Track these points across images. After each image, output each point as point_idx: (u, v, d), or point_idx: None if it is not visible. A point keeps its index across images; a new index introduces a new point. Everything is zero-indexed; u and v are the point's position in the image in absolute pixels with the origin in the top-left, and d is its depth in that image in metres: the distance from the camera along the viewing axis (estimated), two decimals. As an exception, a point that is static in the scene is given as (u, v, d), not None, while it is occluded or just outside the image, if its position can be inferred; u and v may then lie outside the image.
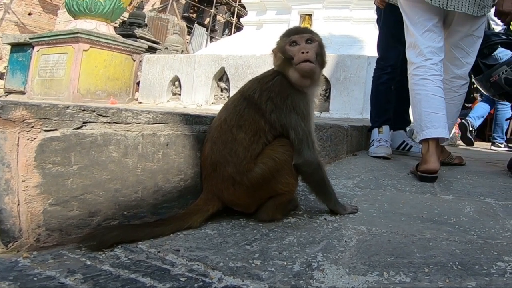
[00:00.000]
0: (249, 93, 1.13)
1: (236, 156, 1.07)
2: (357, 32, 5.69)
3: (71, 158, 0.79)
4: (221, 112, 1.17)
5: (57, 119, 0.75)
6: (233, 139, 1.08)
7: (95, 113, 0.81)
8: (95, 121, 0.82)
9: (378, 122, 2.94)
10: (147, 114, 0.94)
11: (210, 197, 1.10)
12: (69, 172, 0.80)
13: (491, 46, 2.58)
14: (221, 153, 1.08)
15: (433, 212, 1.37)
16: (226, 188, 1.09)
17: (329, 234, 1.07)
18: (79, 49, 6.53)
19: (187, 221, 1.03)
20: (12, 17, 16.16)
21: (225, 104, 1.20)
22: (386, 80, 2.89)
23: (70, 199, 0.82)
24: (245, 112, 1.10)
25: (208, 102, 5.43)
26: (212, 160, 1.10)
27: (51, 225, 0.82)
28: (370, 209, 1.36)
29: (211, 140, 1.11)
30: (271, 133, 1.11)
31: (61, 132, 0.76)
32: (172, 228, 1.00)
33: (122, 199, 0.93)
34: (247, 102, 1.12)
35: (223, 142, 1.09)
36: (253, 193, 1.11)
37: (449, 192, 1.77)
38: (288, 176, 1.12)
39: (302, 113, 1.13)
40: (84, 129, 0.80)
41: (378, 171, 2.25)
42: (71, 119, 0.78)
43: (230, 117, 1.11)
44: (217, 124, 1.13)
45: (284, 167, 1.11)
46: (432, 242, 1.05)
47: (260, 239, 1.01)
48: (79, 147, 0.80)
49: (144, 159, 0.95)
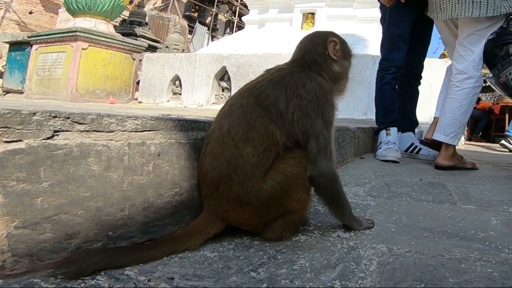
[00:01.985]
0: (269, 101, 0.98)
1: (242, 175, 0.92)
2: (360, 31, 5.56)
3: (40, 173, 0.66)
4: (222, 119, 0.98)
5: (21, 128, 0.62)
6: (238, 155, 0.93)
7: (70, 120, 0.68)
8: (69, 130, 0.68)
9: (385, 123, 2.84)
10: (134, 121, 0.80)
11: (213, 218, 0.96)
12: (38, 190, 0.67)
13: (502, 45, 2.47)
14: (224, 171, 0.93)
15: (457, 226, 1.23)
16: (233, 209, 0.95)
17: (345, 256, 0.94)
18: (78, 48, 6.41)
19: (183, 244, 0.90)
20: (13, 15, 16.07)
21: (226, 108, 1.02)
22: (390, 80, 2.80)
23: (40, 220, 0.69)
24: (257, 122, 0.95)
25: (209, 102, 5.30)
26: (214, 178, 0.94)
27: (19, 251, 0.69)
28: (388, 223, 1.23)
29: (211, 155, 0.95)
30: (285, 146, 0.97)
31: (26, 143, 0.63)
32: (166, 251, 0.87)
33: (105, 218, 0.79)
34: (262, 109, 0.97)
35: (226, 159, 0.93)
36: (262, 213, 0.97)
37: (468, 201, 1.63)
38: (301, 191, 0.99)
39: (327, 120, 1.02)
40: (56, 140, 0.67)
41: (388, 176, 2.12)
42: (39, 128, 0.64)
43: (235, 128, 0.94)
44: (218, 136, 0.96)
45: (297, 182, 0.97)
46: (464, 263, 0.92)
47: (267, 263, 0.87)
48: (50, 160, 0.66)
49: (131, 172, 0.81)
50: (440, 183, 1.99)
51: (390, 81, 2.79)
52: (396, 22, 2.70)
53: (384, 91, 2.84)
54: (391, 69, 2.77)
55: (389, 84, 2.80)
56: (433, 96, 4.41)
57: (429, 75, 4.23)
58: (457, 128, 2.44)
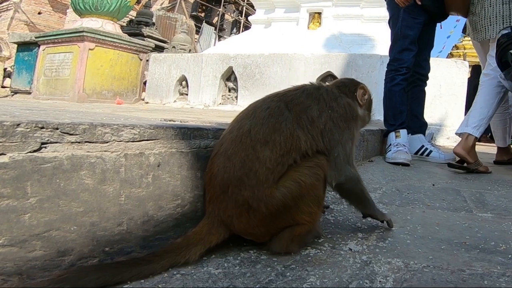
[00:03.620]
0: (300, 107, 0.99)
1: (255, 179, 0.88)
2: (368, 31, 5.48)
3: (27, 188, 0.60)
4: (243, 120, 0.96)
5: (4, 141, 0.56)
6: (255, 157, 0.89)
7: (59, 130, 0.62)
8: (59, 141, 0.63)
9: (394, 125, 2.79)
10: (131, 130, 0.74)
11: (216, 224, 0.90)
12: (25, 206, 0.61)
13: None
14: (236, 172, 0.89)
15: (476, 237, 1.16)
16: (238, 215, 0.89)
17: (358, 272, 0.87)
18: (85, 48, 6.39)
19: (183, 255, 0.84)
20: (22, 16, 16.19)
21: (249, 109, 1.00)
22: (400, 81, 2.76)
23: (29, 237, 0.64)
24: (283, 125, 0.93)
25: (216, 103, 5.24)
26: (224, 180, 0.89)
27: (7, 269, 0.64)
28: (402, 234, 1.16)
29: (225, 155, 0.91)
30: (305, 153, 0.94)
31: (10, 157, 0.57)
32: (165, 264, 0.81)
33: (101, 234, 0.74)
34: (291, 114, 0.96)
35: (241, 160, 0.89)
36: (269, 222, 0.91)
37: (485, 208, 1.56)
38: (312, 204, 0.93)
39: (352, 134, 1.08)
40: (44, 152, 0.61)
41: (399, 181, 2.05)
42: (24, 140, 0.59)
43: (257, 128, 0.92)
44: (236, 135, 0.93)
45: (309, 193, 0.92)
46: (487, 279, 0.85)
47: (275, 281, 0.81)
48: (37, 174, 0.61)
49: (129, 184, 0.76)
50: (453, 189, 1.92)
51: (400, 82, 2.76)
52: (409, 24, 2.69)
53: (393, 93, 2.80)
54: (401, 70, 2.74)
55: (399, 85, 2.77)
56: (442, 97, 4.34)
57: (438, 75, 4.16)
58: (478, 119, 2.49)
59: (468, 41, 13.81)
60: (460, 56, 11.99)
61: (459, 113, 4.37)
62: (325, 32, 5.59)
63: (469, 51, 13.26)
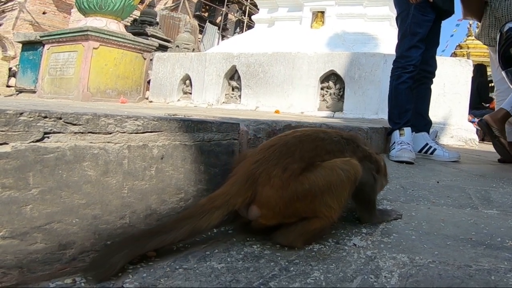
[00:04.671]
0: (353, 146, 1.12)
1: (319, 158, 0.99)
2: (371, 30, 5.45)
3: (29, 179, 0.60)
4: (318, 132, 1.10)
5: (6, 130, 0.56)
6: (322, 153, 1.01)
7: (62, 120, 0.62)
8: (62, 131, 0.62)
9: (399, 124, 2.76)
10: (135, 121, 0.73)
11: (248, 185, 0.91)
12: (27, 198, 0.61)
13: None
14: (307, 153, 0.98)
15: (482, 233, 1.15)
16: (277, 176, 0.91)
17: (362, 267, 0.86)
18: (89, 47, 6.39)
19: (205, 219, 0.83)
20: (27, 16, 16.27)
21: (322, 131, 1.15)
22: (407, 79, 2.72)
23: (30, 230, 0.63)
24: (343, 150, 1.07)
25: (219, 101, 5.24)
26: (289, 148, 0.98)
27: (7, 262, 0.63)
28: (407, 230, 1.15)
29: (299, 138, 1.02)
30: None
31: (12, 146, 0.57)
32: (185, 231, 0.81)
33: (103, 227, 0.73)
34: (347, 145, 1.10)
35: (313, 148, 1.01)
36: (292, 201, 0.92)
37: (490, 205, 1.55)
38: (337, 200, 0.95)
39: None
40: (47, 142, 0.61)
41: (403, 179, 2.04)
42: (27, 130, 0.58)
43: (328, 142, 1.06)
44: (306, 133, 1.06)
45: (337, 188, 0.95)
46: (494, 275, 0.84)
47: (279, 276, 0.80)
48: (40, 165, 0.60)
49: (132, 177, 0.75)
50: (458, 186, 1.91)
51: (406, 80, 2.72)
52: (419, 21, 2.65)
53: (399, 91, 2.76)
54: (408, 68, 2.70)
55: (405, 83, 2.73)
56: (446, 95, 4.31)
57: (442, 74, 4.12)
58: None
59: (472, 41, 13.78)
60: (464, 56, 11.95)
61: (463, 112, 4.35)
62: (328, 31, 5.58)
63: (473, 50, 13.23)
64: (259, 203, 0.92)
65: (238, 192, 0.89)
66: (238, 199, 0.89)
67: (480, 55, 12.56)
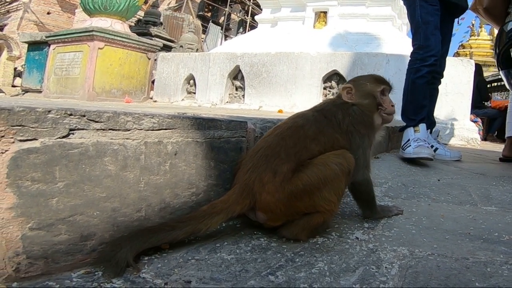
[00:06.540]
0: (330, 114, 1.16)
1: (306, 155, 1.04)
2: (373, 30, 5.48)
3: (56, 173, 0.65)
4: (296, 118, 1.15)
5: (36, 127, 0.61)
6: (303, 146, 1.05)
7: (86, 118, 0.67)
8: (85, 128, 0.67)
9: (414, 121, 2.60)
10: (151, 119, 0.78)
11: (245, 194, 0.97)
12: (54, 191, 0.65)
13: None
14: (289, 150, 1.02)
15: (480, 228, 1.19)
16: (272, 184, 0.97)
17: (364, 259, 0.91)
18: (94, 47, 6.45)
19: (205, 223, 0.90)
20: (31, 16, 16.35)
21: (299, 113, 1.19)
22: (427, 73, 2.55)
23: (56, 221, 0.68)
24: (325, 130, 1.11)
25: (223, 101, 5.29)
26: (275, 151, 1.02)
27: (33, 253, 0.68)
28: (407, 225, 1.19)
29: (280, 136, 1.07)
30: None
31: (41, 142, 0.62)
32: (187, 231, 0.87)
33: (121, 219, 0.78)
34: (327, 121, 1.14)
35: (294, 141, 1.05)
36: (291, 202, 0.97)
37: (489, 202, 1.59)
38: (335, 193, 1.00)
39: (370, 141, 1.21)
40: (72, 138, 0.66)
41: (405, 176, 2.08)
42: (55, 126, 0.63)
43: (307, 127, 1.10)
44: (291, 125, 1.10)
45: (333, 182, 1.00)
46: (490, 267, 0.88)
47: (285, 266, 0.85)
48: (65, 160, 0.65)
49: (148, 172, 0.80)
50: (459, 184, 1.94)
51: (425, 75, 2.55)
52: (428, 10, 2.53)
53: (417, 85, 2.58)
54: (429, 60, 2.52)
55: (423, 78, 2.56)
56: (448, 95, 4.33)
57: (445, 73, 4.12)
58: None
59: (475, 40, 13.79)
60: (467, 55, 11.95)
61: (465, 111, 4.37)
62: (330, 31, 5.61)
63: (476, 50, 13.24)
64: (261, 209, 0.99)
65: (236, 201, 0.96)
66: (236, 207, 0.96)
67: (483, 54, 12.58)
